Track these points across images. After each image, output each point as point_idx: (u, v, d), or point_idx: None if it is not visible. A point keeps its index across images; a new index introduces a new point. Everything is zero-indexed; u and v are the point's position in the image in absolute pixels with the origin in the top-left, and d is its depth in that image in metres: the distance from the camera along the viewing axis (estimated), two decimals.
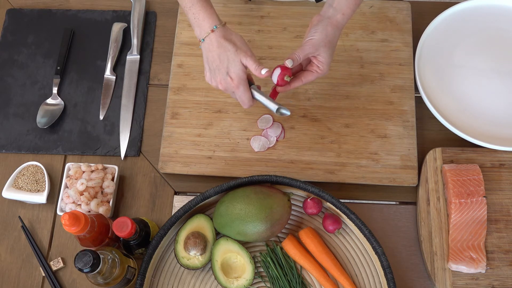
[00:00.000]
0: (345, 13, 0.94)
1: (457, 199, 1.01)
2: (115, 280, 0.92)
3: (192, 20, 0.95)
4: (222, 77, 0.94)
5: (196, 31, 0.95)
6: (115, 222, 0.92)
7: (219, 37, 0.92)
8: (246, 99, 0.95)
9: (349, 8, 0.94)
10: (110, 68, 1.19)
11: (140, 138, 1.14)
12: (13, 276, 1.04)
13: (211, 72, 0.96)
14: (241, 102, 0.97)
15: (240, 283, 0.98)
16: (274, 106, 0.95)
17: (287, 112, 0.96)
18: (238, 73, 0.92)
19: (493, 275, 0.99)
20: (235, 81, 0.93)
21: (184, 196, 1.10)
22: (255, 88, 0.96)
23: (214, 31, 0.92)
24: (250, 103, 0.96)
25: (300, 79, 0.97)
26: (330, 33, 0.94)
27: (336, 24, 0.94)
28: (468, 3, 1.19)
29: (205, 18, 0.93)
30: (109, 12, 1.25)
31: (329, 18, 0.94)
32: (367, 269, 1.00)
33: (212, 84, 0.97)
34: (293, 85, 0.97)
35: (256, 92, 0.96)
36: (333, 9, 0.95)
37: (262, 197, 0.97)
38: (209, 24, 0.93)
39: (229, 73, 0.93)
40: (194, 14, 0.94)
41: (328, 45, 0.94)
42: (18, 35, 1.23)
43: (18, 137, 1.14)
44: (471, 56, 1.16)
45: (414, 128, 1.10)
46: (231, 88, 0.94)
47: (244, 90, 0.94)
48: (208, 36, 0.93)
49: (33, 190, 1.07)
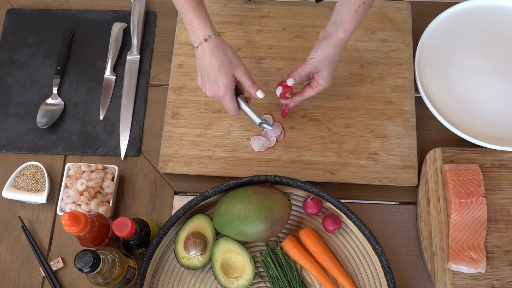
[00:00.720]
0: (347, 29, 0.95)
1: (457, 199, 1.01)
2: (115, 280, 0.92)
3: (187, 27, 0.97)
4: (210, 85, 0.97)
5: (191, 37, 0.97)
6: (115, 222, 0.92)
7: (212, 47, 0.94)
8: (232, 108, 0.99)
9: (350, 24, 0.95)
10: (110, 68, 1.19)
11: (140, 138, 1.14)
12: (13, 276, 1.04)
13: (202, 78, 0.99)
14: (228, 110, 1.01)
15: (240, 283, 0.98)
16: (257, 120, 1.00)
17: (269, 127, 1.00)
18: (225, 84, 0.95)
19: (493, 275, 0.99)
20: (221, 91, 0.96)
21: (184, 196, 1.10)
22: (242, 99, 1.00)
23: (207, 40, 0.94)
24: (236, 112, 1.00)
25: (301, 94, 1.03)
26: (330, 53, 0.96)
27: (337, 43, 0.96)
28: (468, 3, 1.19)
29: (199, 27, 0.95)
30: (109, 12, 1.25)
31: (330, 37, 0.96)
32: (367, 269, 1.00)
33: (202, 89, 1.00)
34: (295, 99, 1.03)
35: (242, 103, 1.00)
36: (335, 26, 0.96)
37: (262, 197, 0.97)
38: (203, 33, 0.95)
39: (217, 82, 0.96)
40: (188, 22, 0.96)
41: (328, 64, 0.97)
42: (18, 35, 1.23)
43: (18, 137, 1.14)
44: (471, 56, 1.16)
45: (414, 128, 1.10)
46: (218, 96, 0.98)
47: (230, 100, 0.97)
48: (201, 45, 0.95)
49: (33, 190, 1.07)
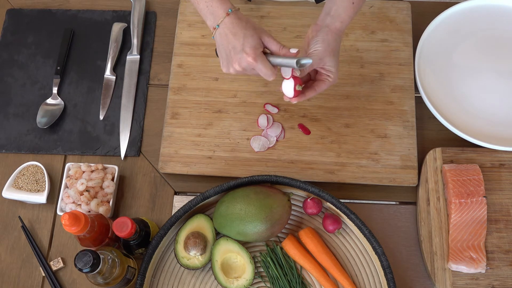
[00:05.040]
0: (343, 20, 0.93)
1: (457, 199, 1.01)
2: (115, 280, 0.92)
3: (205, 10, 0.92)
4: (238, 56, 0.89)
5: (210, 20, 0.93)
6: (115, 222, 0.92)
7: (234, 18, 0.90)
8: (268, 70, 0.89)
9: (347, 15, 0.93)
10: (110, 68, 1.19)
11: (140, 138, 1.14)
12: (13, 276, 1.04)
13: (227, 58, 0.92)
14: (264, 75, 0.91)
15: (240, 283, 0.98)
16: (293, 61, 0.88)
17: (309, 60, 0.88)
18: (253, 46, 0.88)
19: (493, 275, 0.99)
20: (251, 55, 0.88)
21: (184, 196, 1.10)
22: (269, 55, 0.90)
23: (229, 14, 0.90)
24: (274, 72, 0.90)
25: (313, 88, 0.95)
26: (332, 41, 0.92)
27: (336, 31, 0.93)
28: (468, 3, 1.19)
29: (219, 5, 0.91)
30: (109, 12, 1.25)
31: (327, 26, 0.93)
32: (367, 269, 1.00)
33: (230, 70, 0.93)
34: (307, 94, 0.95)
35: (272, 58, 0.90)
36: (330, 17, 0.93)
37: (262, 197, 0.97)
38: (224, 9, 0.90)
39: (245, 48, 0.88)
40: (206, 2, 0.91)
41: (331, 53, 0.93)
42: (18, 35, 1.23)
43: (18, 137, 1.14)
44: (471, 56, 1.16)
45: (414, 128, 1.10)
46: (249, 64, 0.89)
47: (263, 61, 0.89)
48: (223, 21, 0.90)
49: (33, 190, 1.07)
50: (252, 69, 0.91)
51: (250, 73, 0.93)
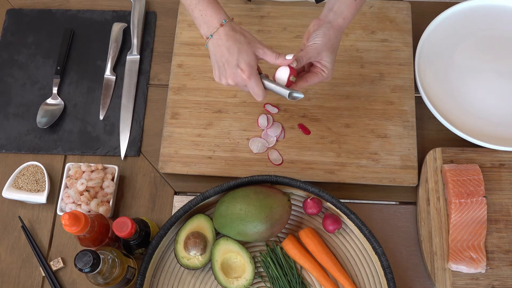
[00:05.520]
0: (346, 17, 0.93)
1: (457, 199, 1.01)
2: (115, 280, 0.92)
3: (199, 18, 0.92)
4: (232, 71, 0.90)
5: (203, 29, 0.92)
6: (115, 222, 0.92)
7: (229, 30, 0.90)
8: (259, 90, 0.91)
9: (349, 12, 0.93)
10: (110, 68, 1.19)
11: (140, 138, 1.14)
12: (13, 276, 1.04)
13: (219, 70, 0.92)
14: (255, 94, 0.92)
15: (240, 283, 0.98)
16: (286, 92, 0.90)
17: (300, 95, 0.90)
18: (249, 63, 0.89)
19: (493, 275, 0.99)
20: (246, 72, 0.89)
21: (184, 196, 1.10)
22: (264, 77, 0.92)
23: (223, 25, 0.90)
24: (264, 94, 0.92)
25: (305, 79, 0.95)
26: (332, 37, 0.93)
27: (338, 28, 0.93)
28: (468, 3, 1.19)
29: (213, 14, 0.91)
30: (109, 12, 1.25)
31: (330, 22, 0.93)
32: (367, 269, 1.00)
33: (222, 82, 0.93)
34: (299, 84, 0.95)
35: (266, 81, 0.91)
36: (333, 13, 0.93)
37: (262, 197, 0.97)
38: (218, 19, 0.90)
39: (239, 64, 0.89)
40: (200, 11, 0.91)
41: (330, 49, 0.93)
42: (18, 35, 1.23)
43: (18, 137, 1.14)
44: (471, 56, 1.16)
45: (414, 128, 1.10)
46: (243, 80, 0.90)
47: (256, 80, 0.90)
48: (216, 32, 0.90)
49: (33, 190, 1.07)
50: (245, 85, 0.91)
51: (241, 88, 0.94)
